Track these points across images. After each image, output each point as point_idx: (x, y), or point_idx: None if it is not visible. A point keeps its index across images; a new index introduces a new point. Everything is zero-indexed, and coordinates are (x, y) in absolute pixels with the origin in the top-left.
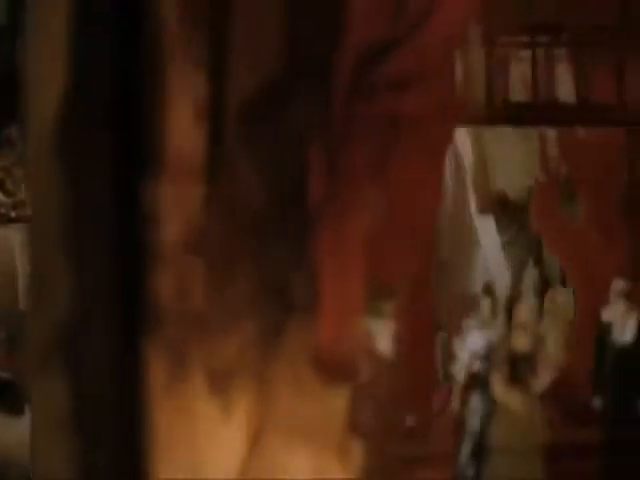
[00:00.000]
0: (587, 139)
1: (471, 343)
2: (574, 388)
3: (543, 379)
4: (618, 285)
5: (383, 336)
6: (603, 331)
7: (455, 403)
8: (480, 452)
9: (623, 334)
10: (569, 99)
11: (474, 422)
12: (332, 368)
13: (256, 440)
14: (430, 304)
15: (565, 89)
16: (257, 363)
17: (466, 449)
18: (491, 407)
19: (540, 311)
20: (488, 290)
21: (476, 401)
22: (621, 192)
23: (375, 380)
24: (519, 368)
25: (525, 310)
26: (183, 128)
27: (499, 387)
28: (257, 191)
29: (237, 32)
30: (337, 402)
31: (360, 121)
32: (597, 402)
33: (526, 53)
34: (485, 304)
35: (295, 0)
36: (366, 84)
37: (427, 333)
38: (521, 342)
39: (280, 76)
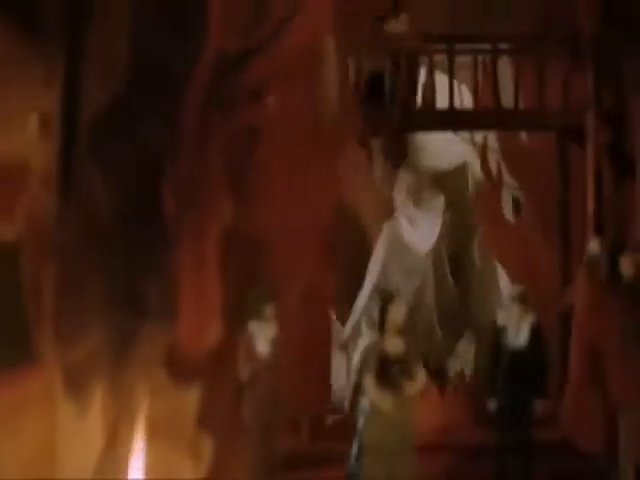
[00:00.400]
0: (526, 144)
1: (360, 345)
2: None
3: (418, 382)
4: (513, 289)
5: (264, 338)
6: (498, 334)
7: (346, 404)
8: (361, 452)
9: (517, 337)
10: (490, 105)
11: (361, 423)
12: (189, 370)
13: (111, 438)
14: (325, 307)
15: (485, 95)
16: (110, 365)
17: (354, 449)
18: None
19: None
20: (381, 293)
21: (363, 402)
22: (555, 195)
23: (255, 380)
24: (390, 370)
25: (399, 312)
26: (28, 140)
27: (370, 388)
28: (108, 205)
29: (90, 48)
30: (189, 402)
31: (217, 132)
32: (492, 405)
33: (446, 61)
34: (374, 306)
35: (146, 14)
36: (223, 95)
37: (321, 335)
38: (393, 344)
39: (128, 91)
